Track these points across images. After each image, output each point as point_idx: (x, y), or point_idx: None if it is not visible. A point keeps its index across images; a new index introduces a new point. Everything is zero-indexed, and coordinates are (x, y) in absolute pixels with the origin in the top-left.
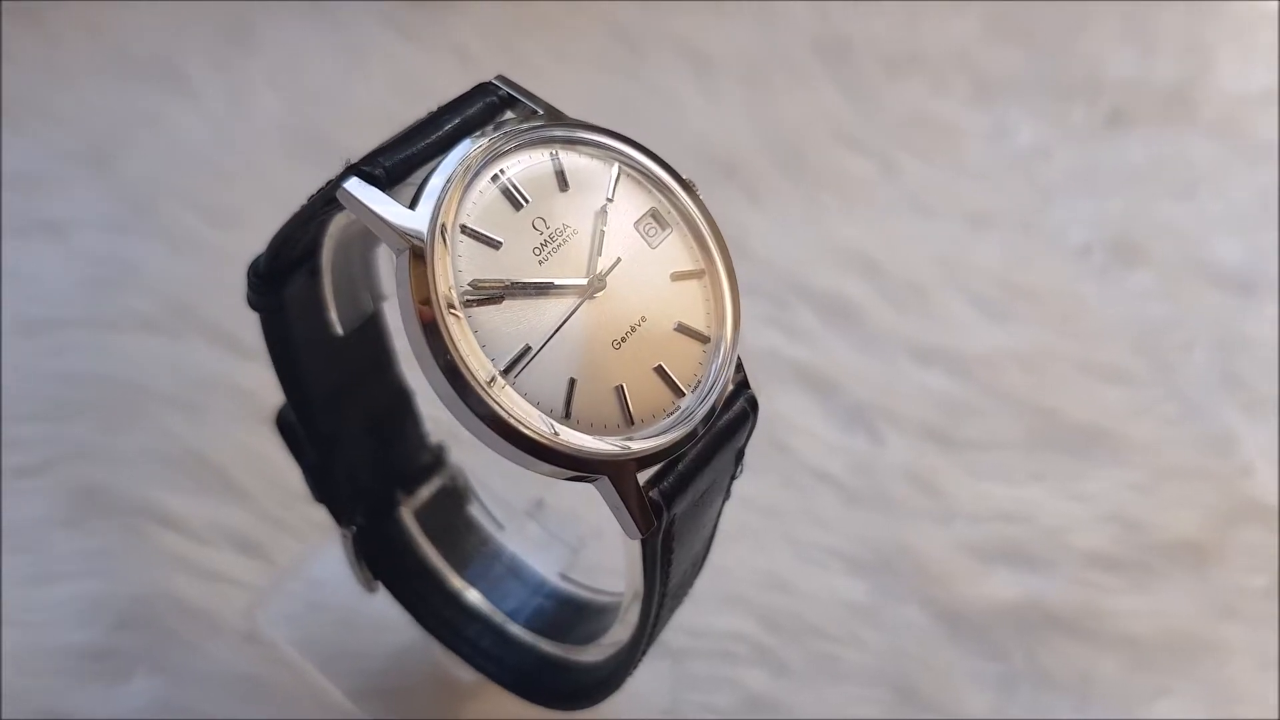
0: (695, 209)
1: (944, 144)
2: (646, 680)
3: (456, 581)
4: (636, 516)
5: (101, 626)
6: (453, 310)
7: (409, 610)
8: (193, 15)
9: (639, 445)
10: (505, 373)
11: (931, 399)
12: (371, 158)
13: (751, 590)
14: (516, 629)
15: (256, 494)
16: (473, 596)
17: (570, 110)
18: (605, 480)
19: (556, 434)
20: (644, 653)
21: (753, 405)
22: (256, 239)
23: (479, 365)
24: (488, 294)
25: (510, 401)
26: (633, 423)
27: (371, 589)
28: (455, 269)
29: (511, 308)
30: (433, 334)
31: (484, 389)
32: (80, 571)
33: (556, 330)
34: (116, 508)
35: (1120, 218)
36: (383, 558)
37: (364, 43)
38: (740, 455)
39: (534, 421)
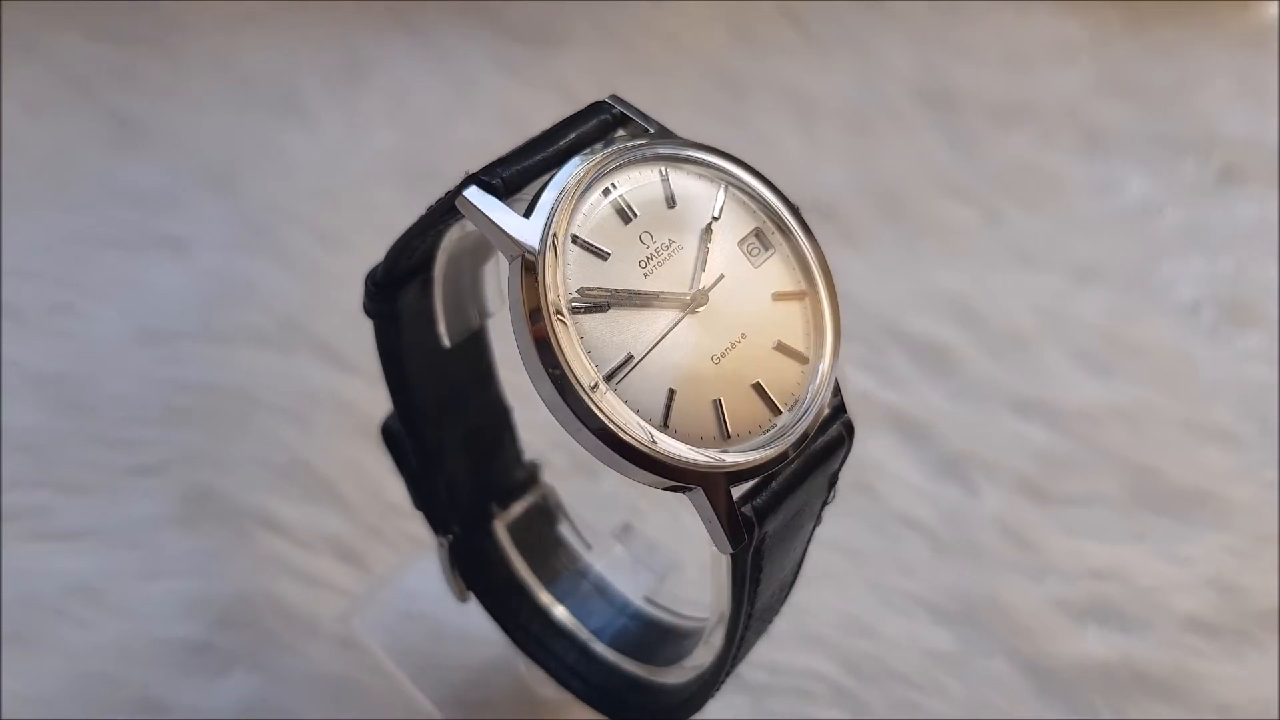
0: (800, 232)
1: (1050, 195)
2: (723, 712)
3: (545, 597)
4: (728, 530)
5: (204, 622)
6: (560, 317)
7: (498, 622)
8: (313, 49)
9: (734, 459)
10: (608, 379)
11: (1028, 451)
12: (491, 168)
13: (832, 632)
14: (601, 647)
15: (357, 504)
16: (560, 612)
17: None
18: (699, 491)
19: (655, 442)
20: (727, 675)
21: (849, 430)
22: (363, 262)
23: (583, 371)
24: (594, 302)
25: (611, 408)
26: (729, 436)
27: (464, 598)
28: (565, 277)
29: (616, 317)
30: (541, 339)
31: (588, 394)
32: (187, 569)
33: (658, 341)
34: (224, 510)
35: (1230, 277)
36: (475, 568)
37: (472, 79)
38: (834, 479)
39: (633, 428)
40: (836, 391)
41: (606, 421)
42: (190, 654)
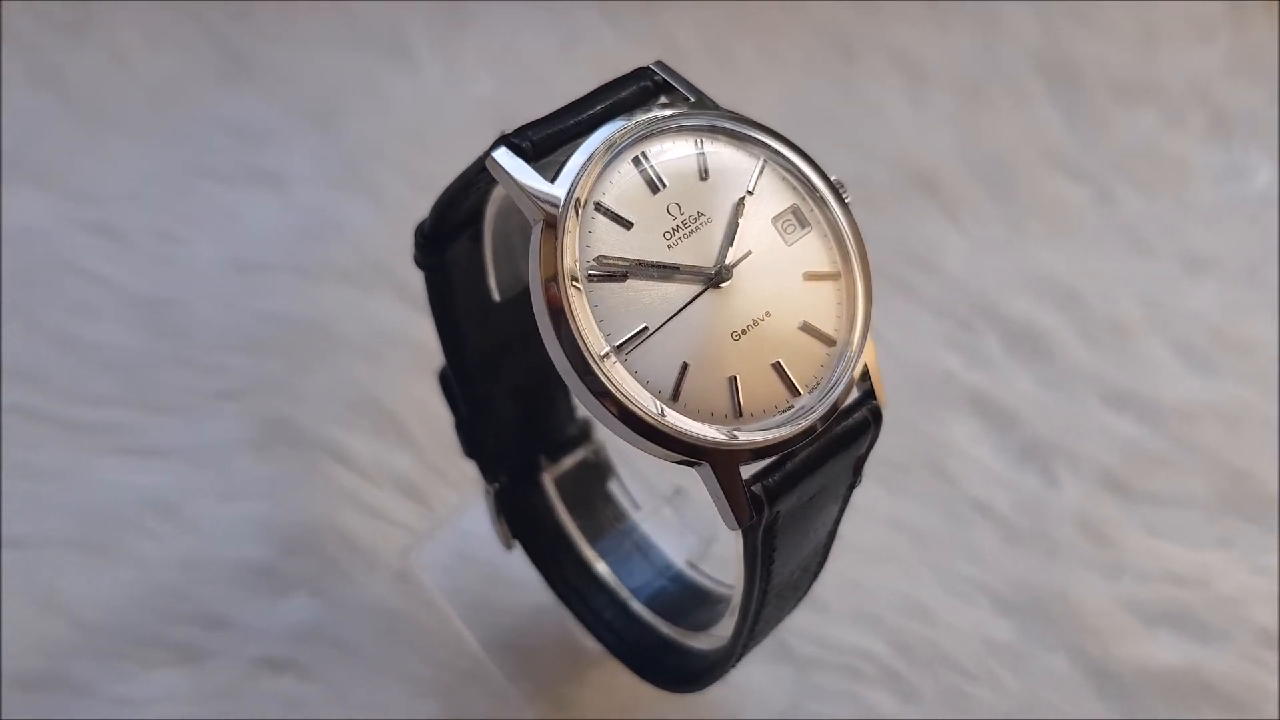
0: (840, 212)
1: (1170, 179)
2: (767, 682)
3: (588, 551)
4: (734, 508)
5: (270, 546)
6: (575, 284)
7: (541, 571)
8: None
9: (745, 437)
10: (619, 349)
11: (1116, 445)
12: (521, 131)
13: (889, 612)
14: (638, 606)
15: (424, 443)
16: (601, 568)
17: (770, 110)
18: (707, 467)
19: (663, 415)
20: (745, 648)
21: (875, 416)
22: None
23: (594, 339)
24: (612, 271)
25: (620, 378)
26: (740, 415)
27: (509, 546)
28: (584, 244)
29: (634, 288)
30: (555, 305)
31: (597, 363)
32: (258, 493)
33: (675, 314)
34: (297, 439)
35: None
36: (521, 518)
37: (576, 31)
38: (859, 465)
39: (642, 400)
40: (866, 377)
41: (614, 392)
42: (254, 575)
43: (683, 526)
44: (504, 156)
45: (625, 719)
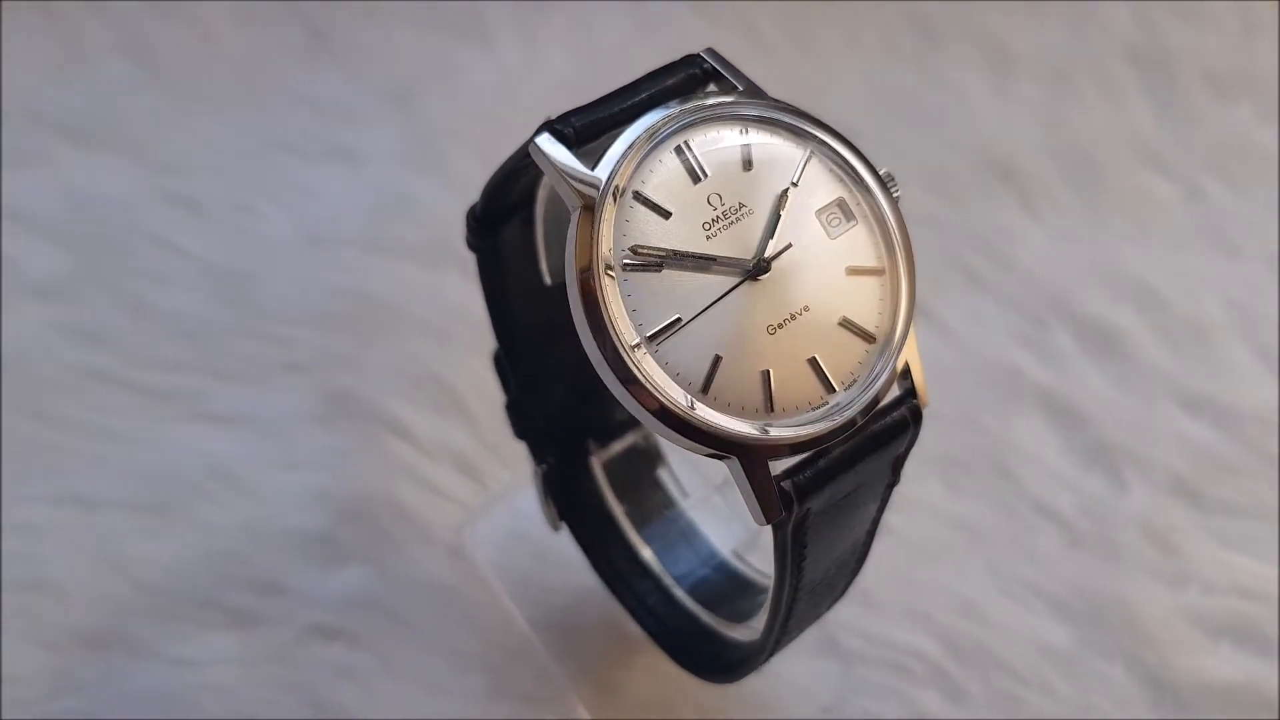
0: (888, 206)
1: (1262, 176)
2: (813, 676)
3: (634, 536)
4: (762, 503)
5: (328, 515)
6: (610, 272)
7: (586, 554)
8: None
9: (777, 433)
10: (650, 340)
11: (1189, 451)
12: (565, 116)
13: (941, 611)
14: (680, 593)
15: (482, 421)
16: (646, 554)
17: (851, 97)
18: (735, 461)
19: (692, 407)
20: (778, 643)
21: (915, 415)
22: None
23: (625, 329)
24: (647, 261)
25: (650, 369)
26: (772, 410)
27: (555, 527)
28: (620, 232)
29: (670, 278)
30: (588, 293)
31: (627, 353)
32: (319, 464)
33: (710, 306)
34: (359, 413)
35: None
36: (569, 500)
37: (656, 15)
38: (898, 464)
39: (670, 391)
40: (907, 375)
41: (644, 382)
42: (311, 543)
43: (730, 515)
44: (546, 142)
45: (664, 708)
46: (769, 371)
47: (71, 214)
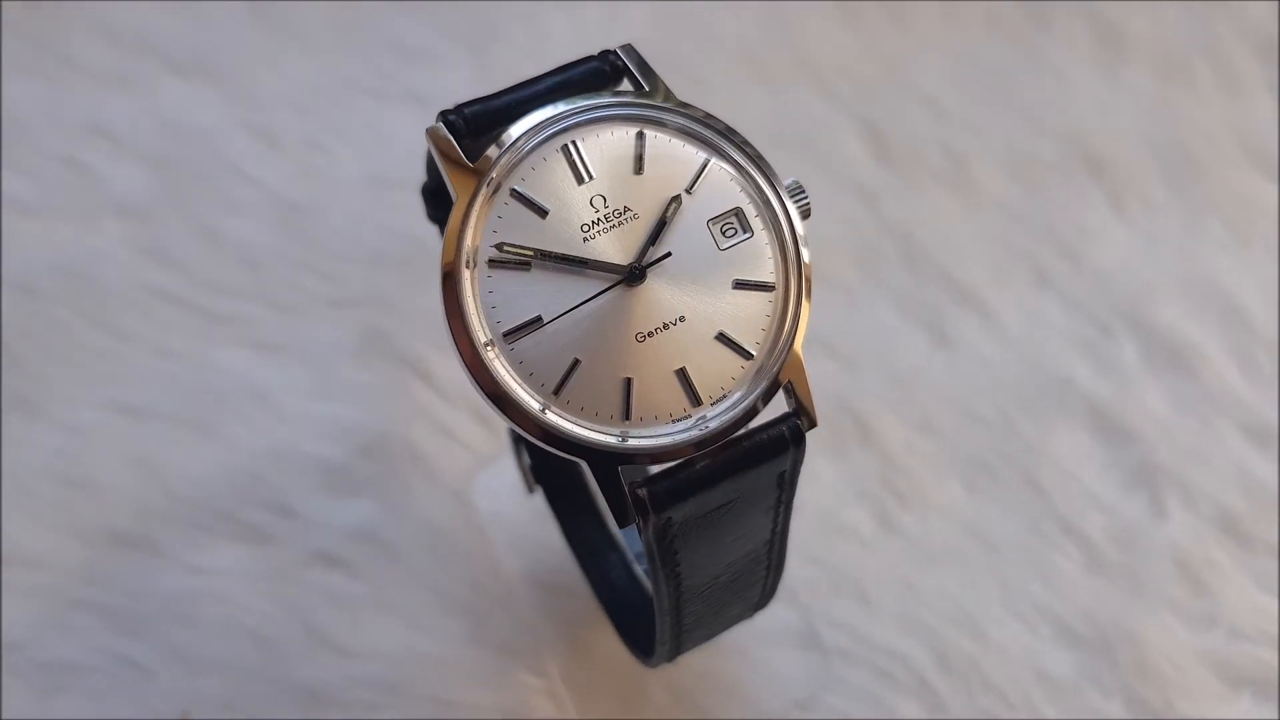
0: (787, 222)
1: None
2: (793, 666)
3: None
4: (613, 507)
5: (348, 448)
6: (471, 267)
7: (558, 519)
8: None
9: (632, 442)
10: (506, 336)
11: (1244, 484)
12: (460, 106)
13: (937, 620)
14: (638, 570)
15: None
16: (614, 525)
17: (941, 70)
18: (585, 464)
19: (541, 410)
20: (669, 647)
21: (795, 434)
22: None
23: (477, 326)
24: (514, 258)
25: (501, 368)
26: (629, 418)
27: (531, 489)
28: (491, 228)
29: (538, 278)
30: (447, 286)
31: (479, 350)
32: (348, 397)
33: (575, 308)
34: (391, 353)
35: None
36: (546, 466)
37: None
38: (783, 480)
39: (519, 392)
40: (793, 393)
41: (494, 381)
42: (328, 472)
43: None
44: (436, 131)
45: (636, 680)
46: (631, 380)
47: (161, 139)
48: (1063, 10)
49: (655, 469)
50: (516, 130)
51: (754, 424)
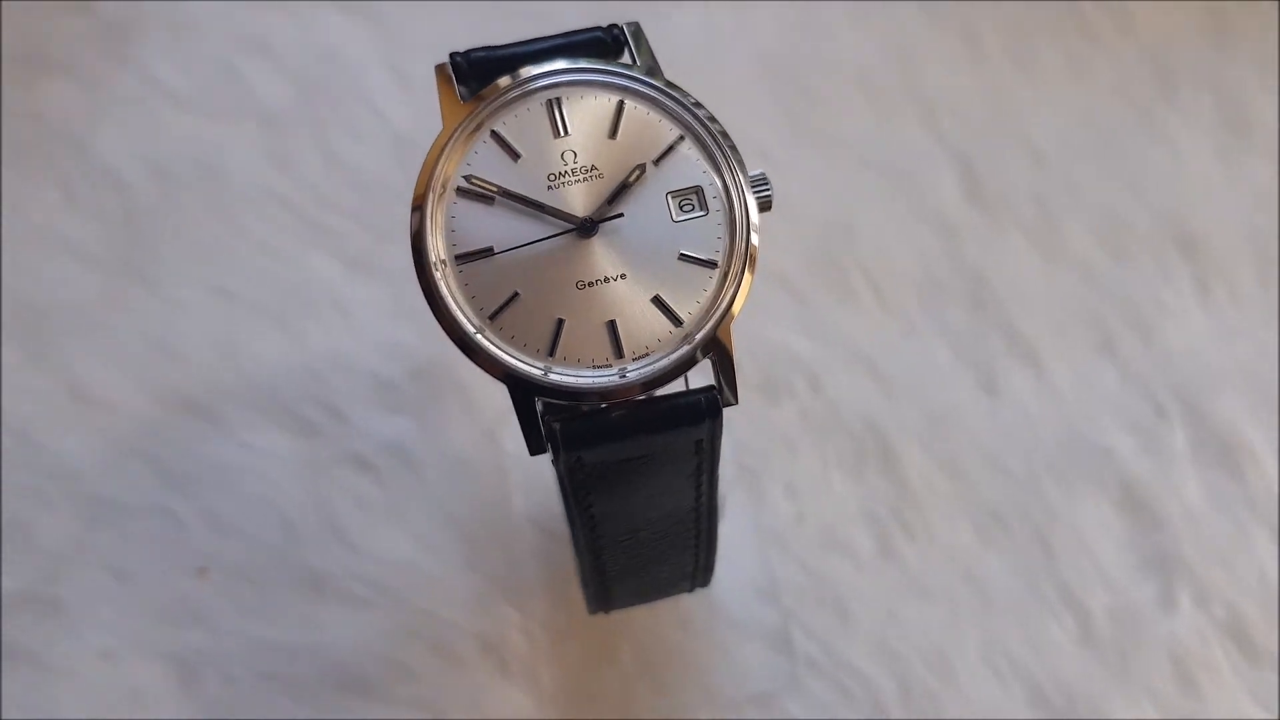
0: (742, 208)
1: None
2: (759, 663)
3: None
4: (525, 434)
5: (402, 367)
6: (440, 193)
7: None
8: None
9: (553, 377)
10: (458, 260)
11: (1263, 594)
12: (469, 51)
13: (910, 653)
14: None
15: None
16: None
17: (1053, 123)
18: (507, 389)
19: (476, 332)
20: (593, 590)
21: (711, 405)
22: None
23: (434, 247)
24: (479, 191)
25: (448, 288)
26: (553, 354)
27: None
28: (465, 161)
29: (499, 214)
30: (415, 208)
31: (432, 268)
32: (414, 324)
33: (524, 245)
34: None
35: None
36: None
37: (877, 5)
38: (701, 448)
39: (459, 313)
40: (716, 367)
41: (439, 298)
42: (380, 386)
43: None
44: (443, 68)
45: (607, 643)
46: (563, 321)
47: (311, 61)
48: (1193, 83)
49: (561, 408)
50: (508, 79)
51: (678, 389)
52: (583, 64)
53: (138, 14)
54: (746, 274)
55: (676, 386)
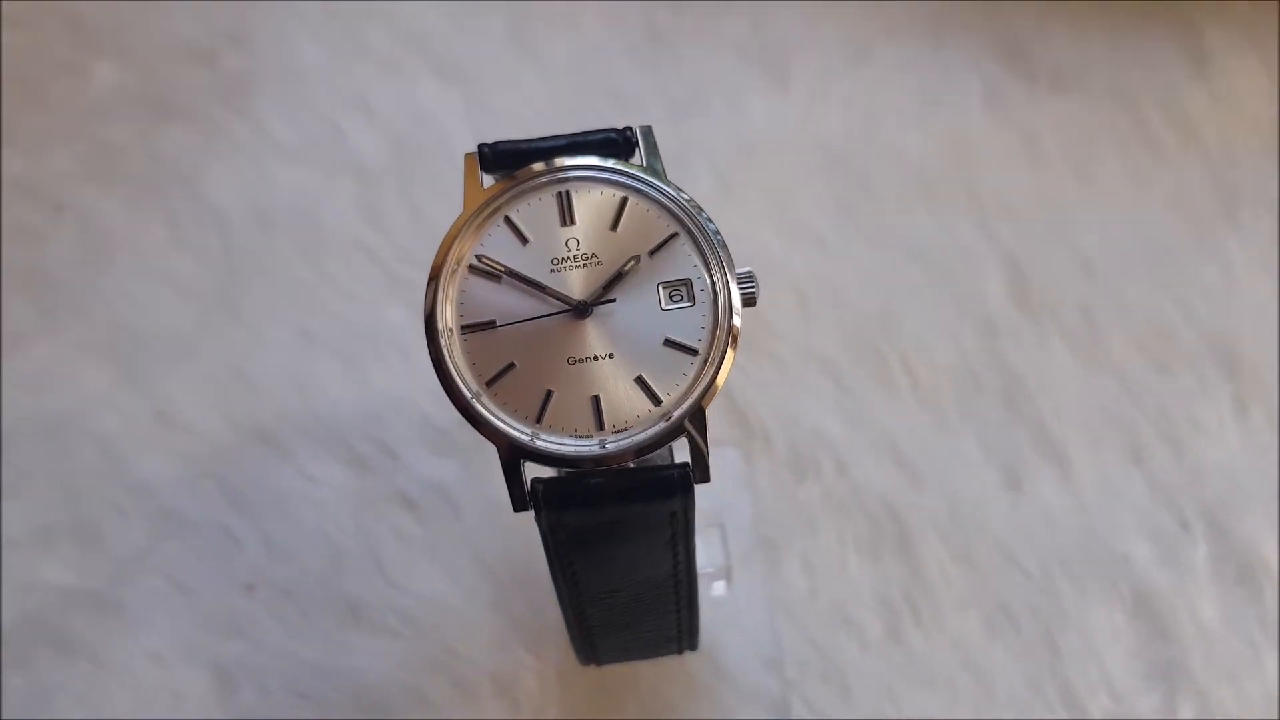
0: (727, 302)
1: None
2: (763, 691)
3: None
4: (510, 492)
5: (453, 414)
6: (455, 267)
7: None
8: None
9: (539, 443)
10: (463, 330)
11: (1275, 715)
12: (496, 142)
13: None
14: None
15: None
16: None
17: (1103, 226)
18: (496, 450)
19: (473, 396)
20: (579, 644)
21: (684, 480)
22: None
23: (443, 317)
24: (488, 269)
25: (452, 355)
26: (540, 421)
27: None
28: (480, 242)
29: (504, 291)
30: (432, 279)
31: (440, 336)
32: None
33: (524, 320)
34: None
35: None
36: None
37: (944, 88)
38: (675, 520)
39: (458, 378)
40: (693, 444)
41: (443, 363)
42: (431, 430)
43: (719, 547)
44: (471, 157)
45: (619, 687)
46: (552, 392)
47: (407, 123)
48: (1254, 203)
49: (543, 473)
50: (527, 170)
51: (656, 462)
52: (594, 161)
53: (255, 68)
54: (721, 362)
55: (663, 458)
